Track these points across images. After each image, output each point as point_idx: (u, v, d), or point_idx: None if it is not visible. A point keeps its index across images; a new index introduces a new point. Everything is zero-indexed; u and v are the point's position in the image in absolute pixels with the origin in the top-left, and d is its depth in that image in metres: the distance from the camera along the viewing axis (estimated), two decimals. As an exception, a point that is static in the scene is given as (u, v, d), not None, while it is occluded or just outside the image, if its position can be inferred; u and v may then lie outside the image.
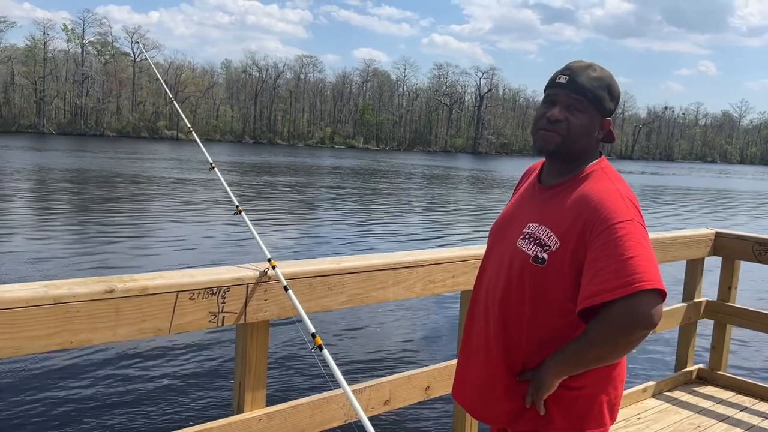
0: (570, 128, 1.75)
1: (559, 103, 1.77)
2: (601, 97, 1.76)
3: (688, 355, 4.34)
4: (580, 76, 1.76)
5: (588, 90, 1.75)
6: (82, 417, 5.71)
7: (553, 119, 1.76)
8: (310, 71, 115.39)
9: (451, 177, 48.10)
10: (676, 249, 3.95)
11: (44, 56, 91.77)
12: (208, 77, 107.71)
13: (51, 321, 1.69)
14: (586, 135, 1.77)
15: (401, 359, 7.63)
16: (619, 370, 1.81)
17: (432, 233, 18.46)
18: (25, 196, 22.63)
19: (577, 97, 1.75)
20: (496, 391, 1.83)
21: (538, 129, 1.81)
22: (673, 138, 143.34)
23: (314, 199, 26.63)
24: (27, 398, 6.02)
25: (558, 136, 1.76)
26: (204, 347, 7.57)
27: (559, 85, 1.77)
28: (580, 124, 1.75)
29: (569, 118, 1.75)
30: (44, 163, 37.54)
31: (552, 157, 1.82)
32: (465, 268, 2.76)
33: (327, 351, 1.93)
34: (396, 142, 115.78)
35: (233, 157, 56.26)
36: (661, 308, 1.59)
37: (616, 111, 1.87)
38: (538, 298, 1.74)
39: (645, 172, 73.20)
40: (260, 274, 2.12)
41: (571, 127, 1.75)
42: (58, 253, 12.60)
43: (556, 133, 1.76)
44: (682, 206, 32.17)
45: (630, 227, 1.63)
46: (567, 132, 1.76)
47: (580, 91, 1.74)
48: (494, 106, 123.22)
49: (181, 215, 18.67)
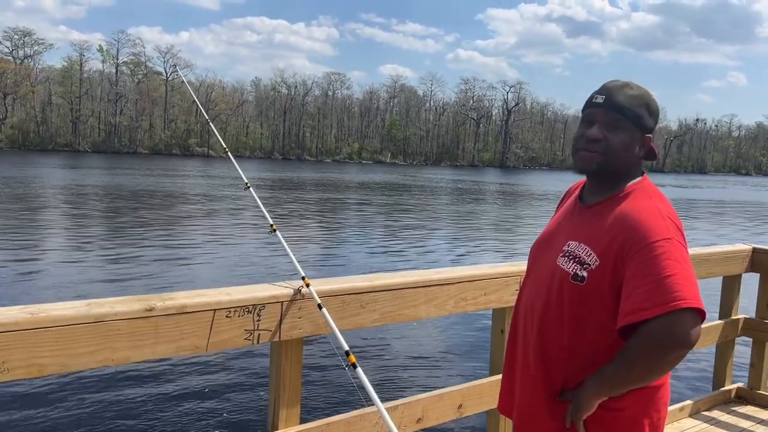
0: (610, 146, 1.75)
1: (597, 123, 1.77)
2: (640, 114, 1.76)
3: (726, 373, 4.24)
4: (617, 94, 1.76)
5: (626, 108, 1.75)
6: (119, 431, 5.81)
7: (592, 138, 1.77)
8: (338, 88, 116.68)
9: (480, 191, 47.90)
10: (711, 265, 3.87)
11: (80, 77, 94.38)
12: (238, 95, 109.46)
13: (93, 339, 1.74)
14: (627, 152, 1.77)
15: (433, 377, 7.58)
16: (662, 392, 1.78)
17: (463, 249, 18.37)
18: (62, 214, 23.16)
19: (616, 116, 1.75)
20: (537, 409, 1.82)
21: (578, 150, 1.81)
22: (705, 150, 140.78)
23: (344, 215, 26.75)
24: (58, 413, 6.14)
25: (599, 155, 1.76)
26: (240, 364, 7.62)
27: (597, 105, 1.78)
28: (620, 142, 1.75)
29: (608, 136, 1.75)
30: (79, 180, 38.47)
31: (594, 176, 1.82)
32: (497, 285, 2.75)
33: (361, 369, 1.94)
34: (423, 156, 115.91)
35: (263, 173, 56.91)
36: (699, 328, 1.56)
37: (656, 127, 1.86)
38: (577, 317, 1.73)
39: (678, 186, 71.92)
40: (294, 292, 2.14)
41: (611, 145, 1.75)
42: (95, 270, 12.87)
43: (597, 152, 1.76)
44: (718, 220, 31.50)
45: (669, 246, 1.61)
46: (606, 150, 1.76)
47: (618, 109, 1.75)
48: (522, 119, 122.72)
49: (216, 233, 18.89)
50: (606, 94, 1.77)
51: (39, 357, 1.66)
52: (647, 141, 1.80)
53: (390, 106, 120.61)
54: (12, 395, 6.38)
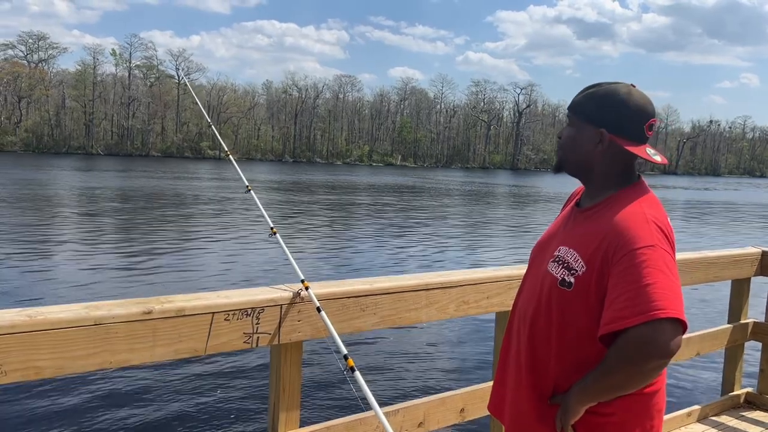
0: (562, 143, 1.86)
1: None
2: (588, 108, 1.78)
3: (735, 378, 4.19)
4: (577, 96, 1.83)
5: (576, 104, 1.81)
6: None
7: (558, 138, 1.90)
8: (348, 90, 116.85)
9: (490, 194, 47.78)
10: (719, 268, 3.83)
11: (93, 80, 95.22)
12: (249, 98, 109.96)
13: (91, 341, 1.74)
14: (575, 145, 1.81)
15: (435, 381, 7.55)
16: (656, 399, 1.75)
17: (471, 252, 18.32)
18: (67, 216, 23.29)
19: (569, 114, 1.85)
20: (528, 412, 1.82)
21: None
22: (719, 152, 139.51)
23: (351, 217, 26.74)
24: (54, 414, 6.16)
25: (558, 152, 1.90)
26: (241, 367, 7.62)
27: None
28: (567, 135, 1.84)
29: (562, 133, 1.86)
30: (90, 183, 38.77)
31: (557, 172, 1.92)
32: (499, 289, 2.74)
33: (359, 373, 1.94)
34: (434, 159, 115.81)
35: (273, 176, 57.10)
36: (679, 339, 1.54)
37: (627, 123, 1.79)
38: (564, 323, 1.72)
39: (691, 188, 71.36)
40: (294, 295, 2.14)
41: (562, 142, 1.86)
42: (98, 272, 12.93)
43: (558, 150, 1.90)
44: (730, 223, 31.21)
45: (651, 253, 1.59)
46: (561, 146, 1.87)
47: (571, 107, 1.84)
48: (533, 121, 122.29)
49: (219, 235, 18.95)
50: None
51: (37, 360, 1.67)
52: (603, 135, 1.74)
53: (400, 108, 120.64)
54: (8, 394, 6.39)
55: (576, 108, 1.81)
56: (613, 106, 1.75)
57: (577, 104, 1.81)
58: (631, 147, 1.74)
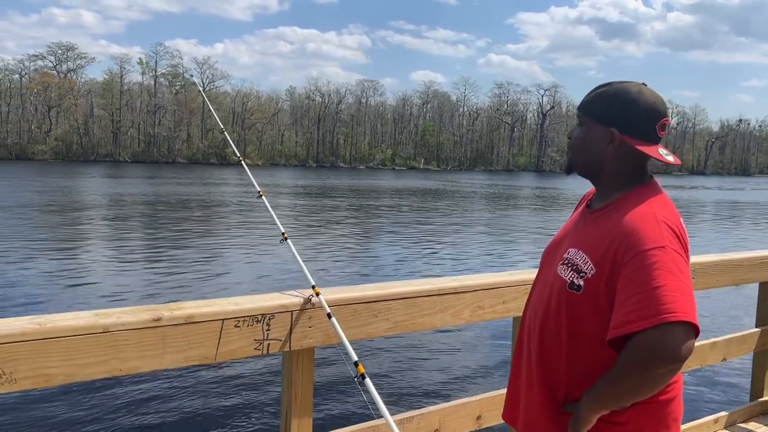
0: (572, 143, 1.83)
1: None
2: (598, 107, 1.74)
3: (764, 383, 4.07)
4: (586, 96, 1.80)
5: (585, 104, 1.78)
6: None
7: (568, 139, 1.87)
8: (371, 95, 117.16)
9: (514, 196, 47.43)
10: (745, 271, 3.73)
11: (120, 89, 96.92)
12: (273, 104, 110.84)
13: (101, 349, 1.74)
14: (585, 145, 1.78)
15: (451, 387, 7.45)
16: (672, 407, 1.69)
17: (489, 255, 18.17)
18: (83, 222, 23.61)
19: (579, 114, 1.81)
20: (541, 419, 1.78)
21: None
22: (749, 152, 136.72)
23: (368, 222, 26.61)
24: (63, 418, 6.21)
25: (568, 153, 1.86)
26: (252, 374, 7.59)
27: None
28: (577, 136, 1.81)
29: (573, 133, 1.84)
30: (117, 189, 39.41)
31: (569, 173, 1.88)
32: (516, 293, 2.69)
33: (370, 380, 1.91)
34: (457, 162, 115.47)
35: (296, 180, 57.42)
36: (691, 343, 1.48)
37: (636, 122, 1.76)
38: (574, 327, 1.68)
39: (722, 188, 69.97)
40: (304, 301, 2.13)
41: (572, 142, 1.83)
42: (110, 279, 13.12)
43: (569, 149, 1.86)
44: (764, 222, 30.49)
45: (661, 254, 1.53)
46: (570, 147, 1.84)
47: (580, 107, 1.81)
48: (557, 123, 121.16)
49: (233, 240, 19.08)
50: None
51: (46, 367, 1.67)
52: (613, 134, 1.70)
53: (423, 111, 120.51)
54: (19, 402, 6.43)
55: (586, 107, 1.77)
56: (624, 105, 1.70)
57: (587, 104, 1.77)
58: (643, 147, 1.69)
